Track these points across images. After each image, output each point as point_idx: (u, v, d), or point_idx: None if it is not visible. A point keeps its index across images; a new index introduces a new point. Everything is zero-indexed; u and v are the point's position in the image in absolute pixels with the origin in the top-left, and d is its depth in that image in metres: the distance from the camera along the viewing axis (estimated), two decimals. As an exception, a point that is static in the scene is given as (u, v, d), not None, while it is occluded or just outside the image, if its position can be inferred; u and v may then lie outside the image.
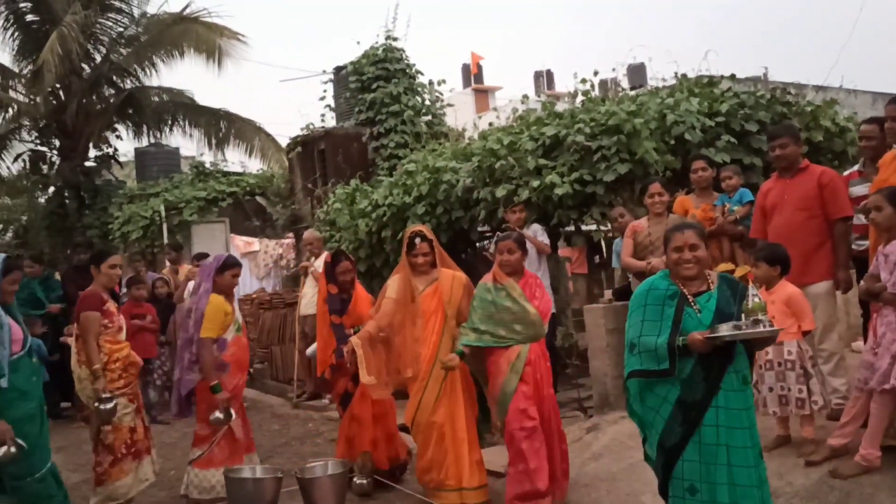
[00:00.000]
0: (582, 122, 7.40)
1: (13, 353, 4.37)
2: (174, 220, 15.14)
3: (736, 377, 3.36)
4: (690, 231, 3.49)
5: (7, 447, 4.20)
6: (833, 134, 7.94)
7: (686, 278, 3.46)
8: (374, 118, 13.32)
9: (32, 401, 4.44)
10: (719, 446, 3.30)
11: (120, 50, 17.23)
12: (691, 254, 3.43)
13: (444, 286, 5.10)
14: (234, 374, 5.38)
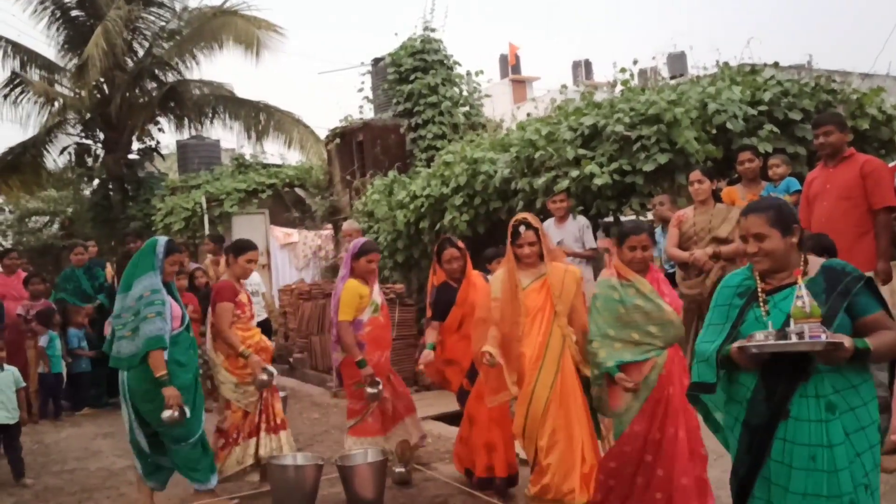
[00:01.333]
0: (621, 112, 7.34)
1: (173, 328, 4.89)
2: (215, 212, 15.34)
3: (814, 403, 2.69)
4: (754, 216, 2.85)
5: (172, 411, 4.74)
6: (880, 122, 7.76)
7: (762, 272, 2.87)
8: (411, 109, 13.34)
9: (189, 372, 5.01)
10: (786, 491, 2.72)
11: (162, 44, 17.51)
12: (757, 245, 2.82)
13: (553, 280, 4.45)
14: (371, 351, 5.55)
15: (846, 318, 2.71)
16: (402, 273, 10.33)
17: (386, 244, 10.21)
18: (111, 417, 8.30)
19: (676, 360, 4.07)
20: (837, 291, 2.73)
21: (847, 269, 2.79)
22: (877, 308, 2.74)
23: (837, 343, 2.55)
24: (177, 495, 5.48)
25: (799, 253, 2.86)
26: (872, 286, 2.76)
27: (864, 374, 2.74)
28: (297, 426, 7.46)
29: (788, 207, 2.94)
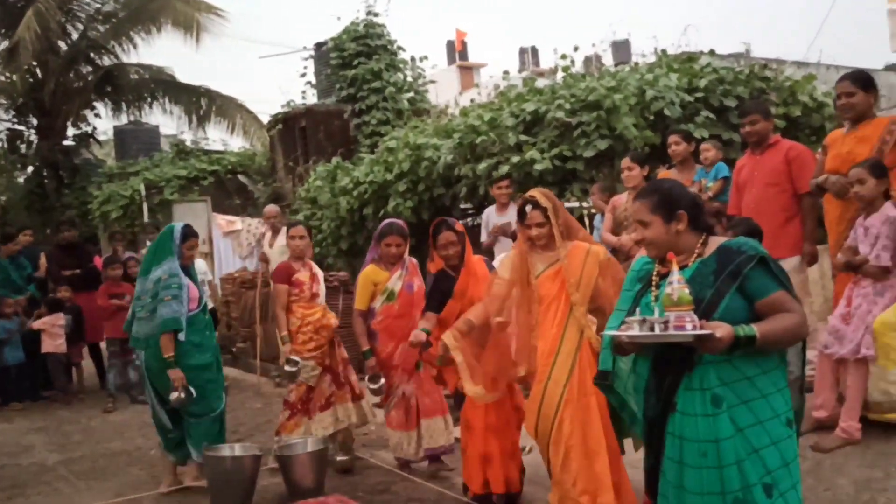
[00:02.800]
0: (562, 99, 7.39)
1: (190, 310, 5.06)
2: (155, 200, 15.03)
3: (699, 396, 2.50)
4: (638, 203, 2.71)
5: (178, 393, 4.90)
6: (811, 109, 7.96)
7: (652, 257, 2.75)
8: (355, 95, 13.24)
9: (207, 351, 5.17)
10: (682, 489, 2.57)
11: (97, 26, 17.06)
12: (643, 231, 2.69)
13: (571, 266, 3.91)
14: (384, 342, 5.31)
15: (741, 301, 2.49)
16: (346, 260, 10.26)
17: (329, 231, 10.13)
18: (45, 412, 8.10)
19: None
20: (727, 272, 2.51)
21: (743, 247, 2.55)
22: (775, 288, 2.49)
23: (706, 335, 2.33)
24: (110, 489, 5.37)
25: (698, 234, 2.66)
26: (769, 264, 2.52)
27: (765, 363, 2.52)
28: (239, 416, 7.38)
29: (676, 193, 2.70)
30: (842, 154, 4.65)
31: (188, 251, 5.23)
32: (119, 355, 8.22)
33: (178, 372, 4.94)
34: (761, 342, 2.40)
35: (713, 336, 2.32)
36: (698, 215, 2.70)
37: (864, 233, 4.26)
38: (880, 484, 3.81)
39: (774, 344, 2.48)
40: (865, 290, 4.22)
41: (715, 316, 2.45)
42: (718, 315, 2.45)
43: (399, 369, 5.28)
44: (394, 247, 5.24)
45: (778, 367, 2.58)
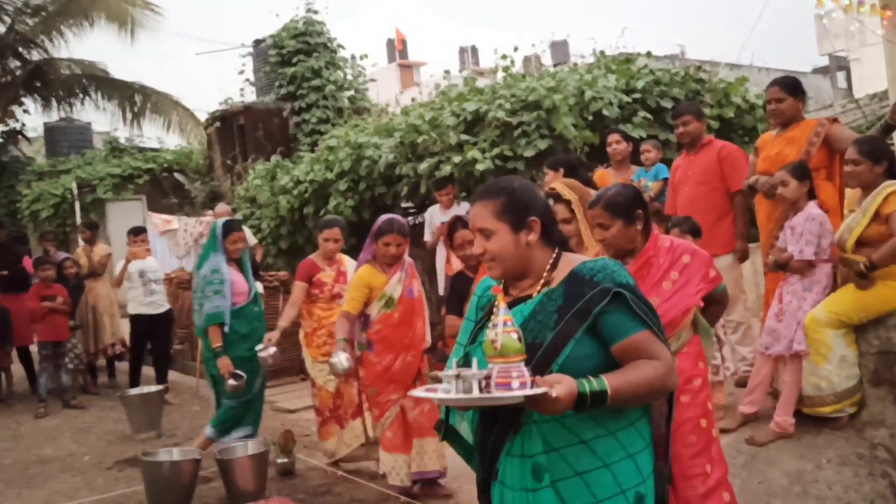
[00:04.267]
0: (503, 98, 7.43)
1: (236, 303, 5.38)
2: (87, 198, 14.63)
3: (518, 464, 2.00)
4: (478, 205, 2.13)
5: (234, 381, 5.20)
6: (743, 111, 8.17)
7: (495, 278, 2.17)
8: (294, 93, 13.11)
9: (254, 342, 5.33)
10: None
11: (25, 20, 16.46)
12: (484, 243, 2.11)
13: None
14: (381, 353, 4.74)
15: (591, 346, 1.97)
16: (285, 260, 10.13)
17: (269, 230, 10.00)
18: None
19: None
20: (574, 310, 1.97)
21: (597, 277, 1.99)
22: (635, 328, 1.96)
23: (536, 396, 1.79)
24: (42, 497, 5.21)
25: (549, 251, 2.12)
26: (628, 299, 1.97)
27: (613, 420, 1.98)
28: (176, 420, 7.24)
29: (528, 194, 2.14)
30: (771, 156, 4.79)
31: (231, 245, 5.45)
32: (50, 359, 7.97)
33: (224, 360, 5.22)
34: (614, 398, 1.87)
35: (548, 396, 1.79)
36: (551, 225, 2.17)
37: (790, 233, 4.40)
38: (812, 475, 3.93)
39: (632, 399, 1.94)
40: (794, 287, 4.36)
41: (555, 367, 1.92)
42: (560, 365, 1.92)
43: (397, 384, 4.71)
44: (393, 246, 4.69)
45: (634, 423, 2.03)
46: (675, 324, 3.05)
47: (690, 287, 3.05)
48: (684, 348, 3.13)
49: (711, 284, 3.12)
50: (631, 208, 2.90)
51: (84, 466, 5.92)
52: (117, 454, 6.15)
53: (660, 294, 3.01)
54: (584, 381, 1.85)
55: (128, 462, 5.81)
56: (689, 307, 3.07)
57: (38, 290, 8.05)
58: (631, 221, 2.91)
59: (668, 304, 3.02)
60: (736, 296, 5.23)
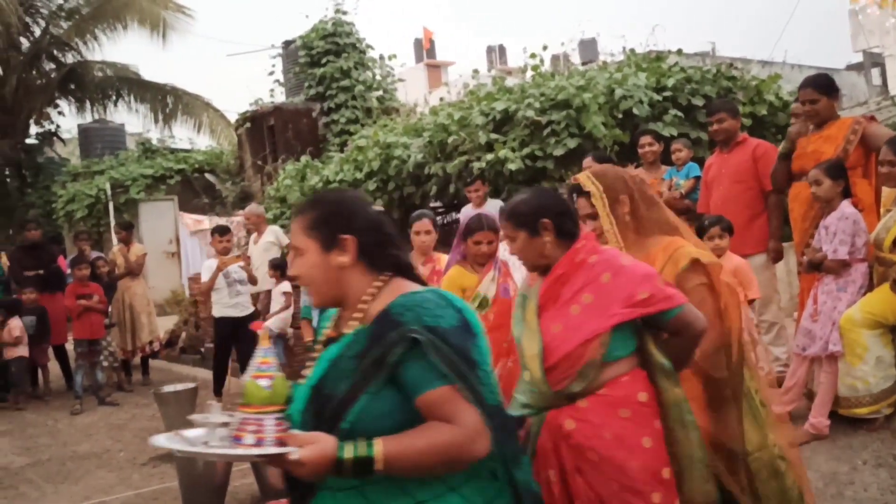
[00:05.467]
0: (532, 97, 7.42)
1: None
2: (121, 199, 14.84)
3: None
4: (295, 221, 1.89)
5: None
6: (776, 108, 8.08)
7: (317, 305, 1.99)
8: (324, 93, 13.19)
9: None
10: None
11: (60, 23, 16.76)
12: (296, 262, 1.88)
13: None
14: None
15: (392, 401, 1.69)
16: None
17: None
18: (9, 414, 7.95)
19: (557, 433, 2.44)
20: (371, 357, 1.69)
21: (403, 317, 1.69)
22: (431, 383, 1.65)
23: (276, 455, 1.59)
24: (78, 492, 5.30)
25: (373, 276, 1.83)
26: (434, 345, 1.65)
27: (421, 491, 1.70)
28: (209, 417, 7.31)
29: (347, 207, 1.86)
30: (807, 153, 4.74)
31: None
32: (86, 356, 8.10)
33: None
34: (388, 467, 1.61)
35: (286, 458, 1.58)
36: (379, 246, 1.84)
37: (824, 232, 4.35)
38: (847, 477, 3.88)
39: (415, 469, 1.65)
40: (829, 287, 4.31)
41: (345, 424, 1.67)
42: (352, 422, 1.67)
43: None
44: (485, 244, 4.30)
45: (456, 489, 1.72)
46: (575, 359, 2.37)
47: (605, 312, 2.38)
48: (602, 390, 2.38)
49: (644, 309, 2.38)
50: (533, 218, 2.46)
51: (119, 462, 6.01)
52: (152, 451, 6.21)
53: (565, 320, 2.42)
54: (348, 445, 1.61)
55: (162, 458, 5.88)
56: (591, 338, 2.36)
57: (75, 288, 8.18)
58: (535, 233, 2.46)
59: (566, 332, 2.40)
60: (769, 296, 5.18)
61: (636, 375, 2.42)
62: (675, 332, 2.43)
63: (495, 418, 1.71)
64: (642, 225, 2.80)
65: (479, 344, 1.74)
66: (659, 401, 2.42)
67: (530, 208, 2.50)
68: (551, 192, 2.64)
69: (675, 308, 2.39)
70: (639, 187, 2.84)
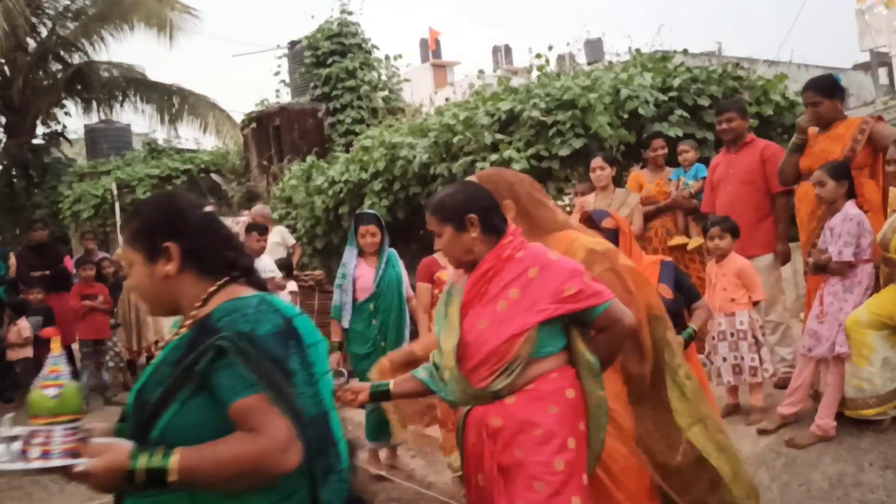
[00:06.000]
0: (537, 97, 7.41)
1: (357, 299, 5.14)
2: (127, 199, 14.86)
3: None
4: (124, 237, 1.85)
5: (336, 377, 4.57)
6: (783, 108, 8.05)
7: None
8: (329, 94, 13.20)
9: (369, 341, 5.13)
10: None
11: (66, 23, 16.80)
12: (130, 277, 1.85)
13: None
14: None
15: (207, 410, 1.63)
16: (321, 260, 10.22)
17: (304, 230, 10.09)
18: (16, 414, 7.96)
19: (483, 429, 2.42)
20: (183, 364, 1.64)
21: (220, 322, 1.64)
22: (241, 392, 1.58)
23: (60, 468, 1.57)
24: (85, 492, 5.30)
25: (211, 282, 1.76)
26: (238, 358, 1.58)
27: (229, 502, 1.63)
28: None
29: (170, 209, 1.80)
30: (815, 152, 4.73)
31: (361, 239, 5.16)
32: (92, 356, 8.12)
33: (335, 355, 5.09)
34: (184, 479, 1.55)
35: (69, 470, 1.56)
36: (206, 247, 1.78)
37: (829, 234, 4.34)
38: (853, 479, 3.87)
39: (216, 481, 1.58)
40: (835, 289, 4.29)
41: (155, 433, 1.62)
42: (161, 431, 1.62)
43: None
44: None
45: (287, 498, 1.67)
46: (500, 355, 2.33)
47: (532, 308, 2.33)
48: (531, 385, 2.34)
49: (572, 305, 2.34)
50: (460, 212, 2.42)
51: (125, 463, 6.01)
52: (157, 451, 6.24)
53: (492, 316, 2.38)
54: (143, 455, 1.55)
55: (167, 458, 5.90)
56: (517, 333, 2.32)
57: (80, 289, 8.20)
58: (461, 227, 2.41)
59: (492, 329, 2.36)
60: (775, 297, 5.17)
61: (565, 372, 2.40)
62: (603, 328, 2.41)
63: (311, 430, 1.62)
64: (532, 226, 2.74)
65: (304, 352, 1.66)
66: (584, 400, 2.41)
67: (457, 203, 2.45)
68: (478, 187, 2.57)
69: (603, 304, 2.37)
70: (526, 190, 2.82)
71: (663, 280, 3.49)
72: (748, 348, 4.67)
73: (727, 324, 4.74)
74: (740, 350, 4.70)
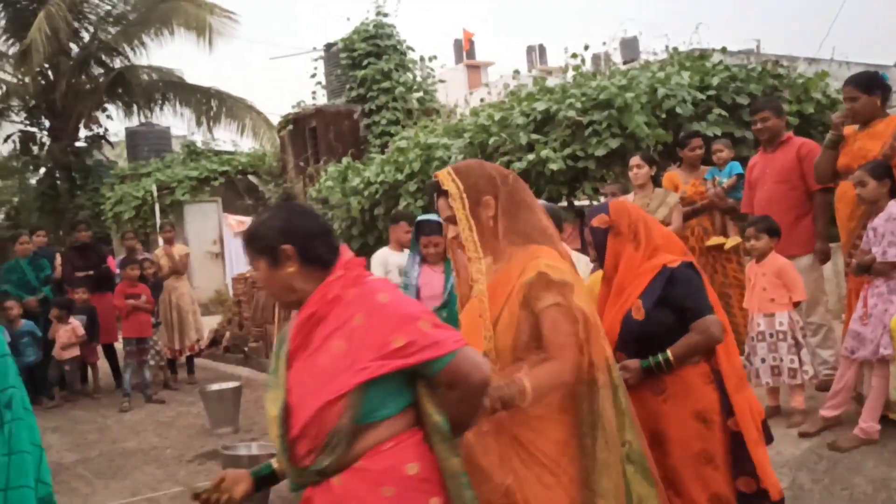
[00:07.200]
0: (573, 97, 7.39)
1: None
2: (166, 200, 15.12)
3: None
4: None
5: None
6: (824, 106, 7.93)
7: None
8: (365, 95, 13.28)
9: None
10: None
11: (108, 28, 17.12)
12: None
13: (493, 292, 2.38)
14: None
15: None
16: (357, 260, 10.30)
17: (340, 231, 10.16)
18: (60, 412, 8.15)
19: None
20: None
21: None
22: None
23: None
24: (127, 487, 5.41)
25: None
26: None
27: None
28: (252, 416, 7.41)
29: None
30: (853, 150, 4.66)
31: (425, 249, 4.86)
32: (135, 355, 8.27)
33: None
34: None
35: None
36: None
37: (872, 234, 4.27)
38: (897, 482, 3.81)
39: None
40: (880, 290, 4.22)
41: None
42: None
43: None
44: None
45: None
46: (319, 425, 1.89)
47: (353, 365, 1.89)
48: (360, 462, 1.91)
49: (400, 361, 1.90)
50: (273, 243, 2.01)
51: (166, 459, 6.12)
52: (197, 448, 6.34)
53: (311, 373, 1.94)
54: None
55: (207, 456, 5.99)
56: (331, 399, 1.88)
57: (123, 288, 8.36)
58: (276, 262, 2.01)
59: (311, 390, 1.91)
60: (816, 298, 5.10)
61: (405, 441, 1.94)
62: (449, 385, 1.95)
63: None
64: (510, 231, 2.35)
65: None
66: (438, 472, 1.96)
67: (269, 231, 2.04)
68: (300, 210, 2.14)
69: (444, 356, 1.91)
70: (510, 188, 2.40)
71: (645, 295, 2.80)
72: (787, 350, 4.62)
73: (766, 324, 4.68)
74: (779, 351, 4.64)
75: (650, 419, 2.72)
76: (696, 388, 2.78)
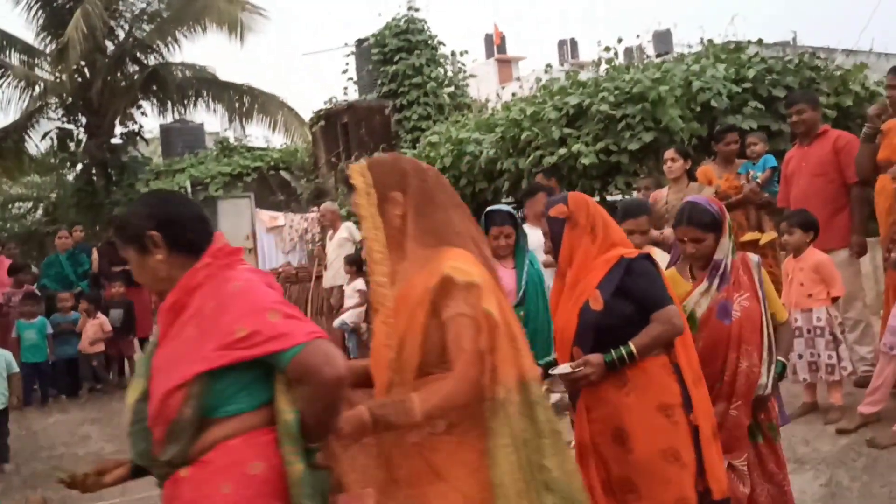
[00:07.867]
0: (606, 91, 7.35)
1: None
2: (200, 196, 15.28)
3: None
4: None
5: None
6: (863, 98, 7.80)
7: None
8: (396, 90, 13.32)
9: None
10: None
11: (143, 26, 17.32)
12: None
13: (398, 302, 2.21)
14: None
15: None
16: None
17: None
18: (98, 403, 8.28)
19: None
20: None
21: None
22: None
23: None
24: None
25: None
26: None
27: None
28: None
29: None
30: (893, 143, 4.57)
31: (494, 241, 4.45)
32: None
33: None
34: None
35: None
36: None
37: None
38: (939, 480, 3.74)
39: None
40: (920, 285, 4.15)
41: None
42: None
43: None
44: (689, 244, 3.21)
45: None
46: (164, 414, 1.85)
47: (197, 354, 1.84)
48: (208, 455, 1.85)
49: (243, 352, 1.82)
50: (138, 230, 1.97)
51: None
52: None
53: (164, 360, 1.91)
54: None
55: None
56: (173, 387, 1.83)
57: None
58: (144, 250, 1.97)
59: (161, 377, 1.89)
60: (854, 293, 5.02)
61: (254, 439, 1.86)
62: (298, 379, 1.84)
63: None
64: (421, 231, 2.15)
65: None
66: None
67: (136, 218, 2.00)
68: (170, 196, 2.15)
69: (290, 349, 1.80)
70: (426, 185, 2.19)
71: (603, 285, 2.70)
72: (825, 345, 4.55)
73: (803, 320, 4.61)
74: (816, 347, 4.58)
75: (613, 415, 2.66)
76: (658, 379, 2.68)
